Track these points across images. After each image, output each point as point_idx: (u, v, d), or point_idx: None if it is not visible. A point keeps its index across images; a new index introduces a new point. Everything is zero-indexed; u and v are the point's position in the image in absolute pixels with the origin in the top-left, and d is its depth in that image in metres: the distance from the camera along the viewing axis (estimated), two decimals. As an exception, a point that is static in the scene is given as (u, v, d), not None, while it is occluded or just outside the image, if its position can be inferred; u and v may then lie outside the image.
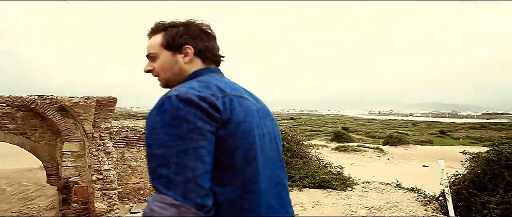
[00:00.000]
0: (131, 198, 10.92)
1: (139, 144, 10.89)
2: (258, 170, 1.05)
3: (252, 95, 1.19)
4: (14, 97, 7.90)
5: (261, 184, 1.05)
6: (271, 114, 1.25)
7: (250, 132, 1.04)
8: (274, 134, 1.19)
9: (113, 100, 8.09)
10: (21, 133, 8.06)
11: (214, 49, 1.23)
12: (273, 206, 1.09)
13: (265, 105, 1.24)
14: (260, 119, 1.12)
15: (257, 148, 1.05)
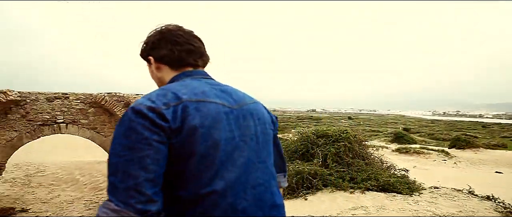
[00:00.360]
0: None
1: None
2: (218, 174, 1.04)
3: (228, 93, 1.17)
4: (87, 94, 8.48)
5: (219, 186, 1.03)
6: (257, 114, 1.21)
7: (209, 136, 1.03)
8: (255, 134, 1.16)
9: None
10: (92, 127, 8.64)
11: (183, 52, 1.22)
12: (245, 208, 1.06)
13: (248, 102, 1.21)
14: (232, 121, 1.11)
15: (219, 151, 1.05)
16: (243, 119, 1.15)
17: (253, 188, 1.11)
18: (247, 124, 1.15)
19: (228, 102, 1.14)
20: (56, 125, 8.28)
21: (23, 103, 7.95)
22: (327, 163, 6.11)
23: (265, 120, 1.24)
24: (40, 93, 8.13)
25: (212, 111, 1.07)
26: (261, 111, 1.24)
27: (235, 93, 1.21)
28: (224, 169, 1.05)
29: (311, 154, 6.58)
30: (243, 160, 1.10)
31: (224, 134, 1.07)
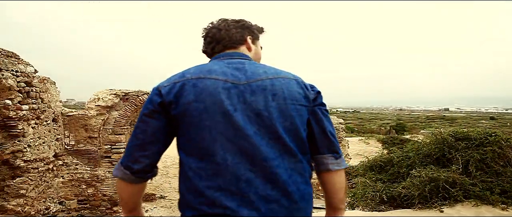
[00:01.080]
0: (309, 192, 11.20)
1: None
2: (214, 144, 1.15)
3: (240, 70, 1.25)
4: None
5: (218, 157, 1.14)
6: (273, 89, 1.22)
7: (204, 110, 1.16)
8: (266, 109, 1.19)
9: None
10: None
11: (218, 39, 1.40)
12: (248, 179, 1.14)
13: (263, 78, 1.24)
14: (234, 96, 1.19)
15: (214, 124, 1.16)
16: (250, 94, 1.20)
17: (262, 162, 1.15)
18: (254, 99, 1.20)
19: (234, 79, 1.23)
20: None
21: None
22: (469, 171, 5.28)
23: (285, 96, 1.23)
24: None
25: (209, 86, 1.19)
26: (281, 87, 1.23)
27: (253, 71, 1.26)
28: (224, 142, 1.15)
29: (448, 159, 5.80)
30: (249, 132, 1.16)
31: (220, 107, 1.17)
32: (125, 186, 1.28)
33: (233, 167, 1.14)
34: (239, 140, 1.15)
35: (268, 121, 1.19)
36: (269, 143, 1.17)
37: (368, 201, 5.65)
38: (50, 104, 7.36)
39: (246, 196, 1.13)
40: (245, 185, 1.13)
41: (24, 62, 6.41)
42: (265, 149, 1.16)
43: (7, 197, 6.48)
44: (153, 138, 1.23)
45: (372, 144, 19.61)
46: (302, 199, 1.19)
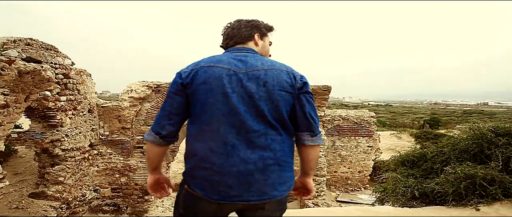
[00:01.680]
0: (338, 186, 11.06)
1: (351, 133, 10.85)
2: (212, 116, 1.54)
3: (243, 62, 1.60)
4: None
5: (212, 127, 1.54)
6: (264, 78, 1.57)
7: (208, 91, 1.54)
8: (257, 92, 1.54)
9: (328, 89, 8.26)
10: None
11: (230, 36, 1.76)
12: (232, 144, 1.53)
13: (258, 68, 1.58)
14: (233, 81, 1.55)
15: (213, 100, 1.54)
16: (246, 81, 1.56)
17: (247, 133, 1.53)
18: (249, 85, 1.55)
19: (236, 68, 1.58)
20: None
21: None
22: (510, 168, 5.01)
23: (274, 83, 1.57)
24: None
25: (216, 73, 1.56)
26: (272, 77, 1.58)
27: (252, 62, 1.62)
28: (219, 116, 1.53)
29: (487, 156, 5.52)
30: (240, 111, 1.53)
31: (221, 89, 1.54)
32: (153, 148, 1.67)
33: (223, 135, 1.53)
34: (232, 116, 1.54)
35: (257, 102, 1.55)
36: (255, 119, 1.55)
37: (398, 196, 5.50)
38: (86, 95, 7.64)
39: (231, 157, 1.52)
40: (231, 149, 1.52)
41: (62, 55, 6.67)
42: (251, 123, 1.54)
43: (47, 184, 6.81)
44: (178, 110, 1.63)
45: (404, 139, 19.07)
46: (276, 164, 1.57)
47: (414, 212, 4.07)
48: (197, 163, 1.56)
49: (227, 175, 1.51)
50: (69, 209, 7.04)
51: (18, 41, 5.57)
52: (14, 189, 6.73)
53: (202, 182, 1.54)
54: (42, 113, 6.60)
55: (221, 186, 1.51)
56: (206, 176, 1.53)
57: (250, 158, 1.52)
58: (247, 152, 1.52)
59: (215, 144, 1.53)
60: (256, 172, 1.52)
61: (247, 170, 1.51)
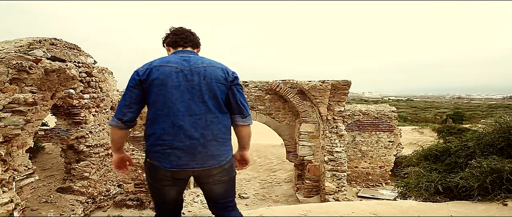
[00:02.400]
0: (359, 182, 10.95)
1: (371, 128, 10.71)
2: (164, 104, 1.98)
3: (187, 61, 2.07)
4: (264, 82, 9.17)
5: (170, 112, 1.97)
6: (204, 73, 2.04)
7: (161, 84, 1.98)
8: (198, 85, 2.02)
9: (348, 84, 8.19)
10: (268, 113, 9.32)
11: (177, 40, 2.22)
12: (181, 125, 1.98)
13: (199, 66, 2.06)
14: (180, 76, 2.00)
15: (164, 92, 1.98)
16: (190, 75, 2.02)
17: (191, 116, 1.98)
18: (192, 79, 2.02)
19: (181, 66, 2.04)
20: (238, 110, 9.28)
21: (213, 91, 9.20)
22: (538, 163, 4.86)
23: (212, 77, 2.05)
24: (226, 81, 9.24)
25: (166, 70, 2.01)
26: (210, 72, 2.06)
27: (194, 61, 2.08)
28: (169, 103, 1.98)
29: (514, 150, 5.37)
30: (185, 99, 1.99)
31: (171, 83, 1.99)
32: (117, 131, 2.08)
33: (173, 118, 1.97)
34: (179, 103, 1.98)
35: (199, 92, 2.01)
36: (198, 105, 2.00)
37: (421, 191, 5.40)
38: (108, 93, 7.82)
39: (178, 135, 1.96)
40: (178, 129, 1.96)
41: (84, 54, 6.84)
42: (194, 108, 1.99)
43: (74, 179, 7.02)
44: (136, 100, 2.04)
45: (426, 134, 18.68)
46: (214, 140, 2.01)
47: (439, 207, 4.00)
48: (154, 141, 2.01)
49: (177, 149, 1.96)
50: (94, 203, 7.24)
51: (43, 41, 5.74)
52: (43, 183, 6.97)
53: (158, 155, 1.99)
54: (67, 110, 6.80)
55: (172, 157, 1.96)
56: (161, 150, 1.98)
57: (193, 135, 1.98)
58: (191, 131, 1.98)
59: (166, 126, 1.98)
60: (198, 146, 1.98)
61: (192, 144, 1.97)
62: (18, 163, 4.66)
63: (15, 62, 4.10)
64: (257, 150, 15.38)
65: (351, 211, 3.25)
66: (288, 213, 3.14)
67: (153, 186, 2.12)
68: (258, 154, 14.89)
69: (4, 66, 4.07)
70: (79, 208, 6.61)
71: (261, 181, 11.80)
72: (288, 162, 11.33)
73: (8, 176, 4.34)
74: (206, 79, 2.03)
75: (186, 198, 9.20)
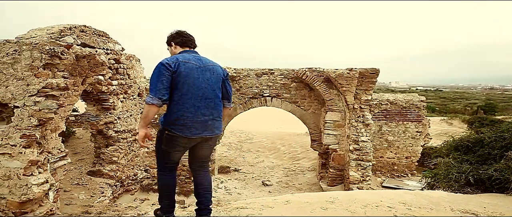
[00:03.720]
0: (384, 172, 10.77)
1: (398, 118, 10.46)
2: (188, 90, 2.67)
3: (200, 60, 2.84)
4: (290, 70, 9.09)
5: (192, 97, 2.68)
6: (212, 69, 2.86)
7: (186, 76, 2.67)
8: (210, 78, 2.81)
9: (376, 72, 7.99)
10: (293, 101, 9.25)
11: (186, 41, 2.95)
12: (199, 106, 2.72)
13: (209, 65, 2.86)
14: (198, 71, 2.76)
15: (189, 82, 2.68)
16: (204, 71, 2.79)
17: (205, 99, 2.76)
18: (206, 73, 2.79)
19: (198, 63, 2.79)
20: (263, 98, 9.25)
21: (238, 78, 9.18)
22: None
23: (218, 73, 2.89)
24: (251, 69, 9.20)
25: (190, 66, 2.72)
26: (215, 69, 2.89)
27: (204, 60, 2.86)
28: (192, 90, 2.68)
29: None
30: (202, 88, 2.74)
31: (193, 75, 2.71)
32: (154, 108, 2.61)
33: (193, 101, 2.69)
34: (198, 90, 2.72)
35: (211, 82, 2.81)
36: (211, 92, 2.80)
37: (451, 182, 5.25)
38: (135, 79, 7.96)
39: (197, 113, 2.70)
40: (196, 109, 2.70)
41: (113, 41, 6.97)
42: (208, 94, 2.78)
43: (103, 163, 7.24)
44: (168, 85, 2.65)
45: (455, 125, 18.13)
46: (218, 117, 2.86)
47: (470, 199, 3.87)
48: (178, 116, 2.67)
49: (196, 122, 2.72)
50: (122, 187, 7.45)
51: (73, 28, 5.87)
52: (74, 167, 7.21)
53: (181, 127, 2.68)
54: (96, 96, 6.98)
55: (192, 129, 2.71)
56: (184, 124, 2.68)
57: (206, 114, 2.78)
58: (205, 111, 2.77)
59: (189, 106, 2.69)
60: (209, 121, 2.80)
61: (205, 120, 2.77)
62: (52, 146, 4.83)
63: (48, 48, 4.21)
64: (281, 138, 15.37)
65: (380, 200, 3.18)
66: (315, 199, 3.11)
67: (166, 151, 2.82)
68: (282, 142, 14.88)
69: (38, 51, 4.20)
70: (108, 190, 6.81)
71: (285, 169, 11.81)
72: (312, 150, 11.27)
73: (43, 158, 4.50)
74: (214, 74, 2.88)
75: (211, 184, 9.33)
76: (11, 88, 4.27)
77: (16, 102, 4.27)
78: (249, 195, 8.83)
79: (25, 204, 4.27)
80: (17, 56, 4.22)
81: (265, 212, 2.70)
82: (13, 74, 4.25)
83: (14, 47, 4.23)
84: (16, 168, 4.26)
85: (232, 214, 2.72)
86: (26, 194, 4.23)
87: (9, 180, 4.27)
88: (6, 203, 4.27)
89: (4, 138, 4.30)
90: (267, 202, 3.05)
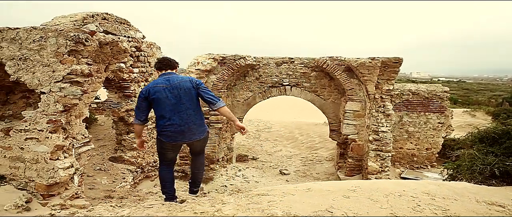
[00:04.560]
0: (403, 163, 10.63)
1: (420, 108, 10.25)
2: (162, 108, 3.55)
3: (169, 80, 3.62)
4: (310, 58, 8.98)
5: (166, 113, 3.53)
6: (179, 85, 3.59)
7: (157, 98, 3.55)
8: (179, 95, 3.56)
9: (399, 61, 7.81)
10: (313, 91, 9.17)
11: (162, 66, 3.81)
12: (174, 122, 3.53)
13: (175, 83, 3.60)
14: (167, 91, 3.56)
15: (160, 102, 3.54)
16: (172, 89, 3.56)
17: (178, 113, 3.54)
18: (174, 91, 3.56)
19: (166, 84, 3.59)
20: (282, 87, 9.21)
21: (257, 67, 9.16)
22: None
23: (185, 87, 3.59)
24: (271, 58, 9.15)
25: (158, 89, 3.57)
26: (182, 84, 3.60)
27: (172, 79, 3.61)
28: (164, 108, 3.53)
29: None
30: (172, 104, 3.53)
31: (162, 96, 3.54)
32: (138, 126, 3.77)
33: (168, 116, 3.52)
34: (168, 106, 3.52)
35: (179, 98, 3.54)
36: (180, 106, 3.54)
37: (475, 174, 5.14)
38: (156, 67, 8.03)
39: (173, 126, 3.52)
40: (172, 121, 3.51)
41: (134, 28, 7.04)
42: (179, 108, 3.54)
43: (124, 149, 7.38)
44: (145, 108, 3.63)
45: (479, 117, 17.65)
46: (194, 124, 3.61)
47: (496, 191, 3.77)
48: (161, 129, 3.57)
49: (174, 132, 3.53)
50: (143, 173, 7.60)
51: (95, 15, 5.96)
52: (97, 152, 7.39)
53: (165, 136, 3.58)
54: (117, 84, 7.09)
55: (172, 137, 3.56)
56: (166, 133, 3.56)
57: (181, 124, 3.54)
58: (179, 122, 3.53)
59: (166, 121, 3.53)
60: (185, 130, 3.56)
61: (181, 130, 3.55)
62: (76, 131, 4.95)
63: (72, 34, 4.28)
64: (299, 128, 15.32)
65: (402, 189, 3.14)
66: (337, 187, 3.10)
67: (161, 151, 3.81)
68: (300, 131, 14.84)
69: (63, 38, 4.27)
70: (129, 176, 6.96)
71: (302, 158, 11.79)
72: (330, 140, 11.19)
73: (68, 143, 4.62)
74: (182, 90, 3.58)
75: (229, 172, 9.42)
76: (37, 75, 4.37)
77: (42, 88, 4.38)
78: (267, 184, 8.87)
79: (52, 187, 4.41)
80: (43, 43, 4.31)
81: (287, 199, 2.70)
82: (40, 61, 4.35)
83: (40, 34, 4.32)
84: (43, 152, 4.39)
85: (253, 201, 2.73)
86: (53, 178, 4.37)
87: (37, 164, 4.41)
88: (35, 185, 4.42)
89: (31, 123, 4.43)
90: (289, 190, 3.05)
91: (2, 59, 4.43)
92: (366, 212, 2.48)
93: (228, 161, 9.90)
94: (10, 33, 4.38)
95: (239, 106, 9.56)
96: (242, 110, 9.60)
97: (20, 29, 4.40)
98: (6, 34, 4.40)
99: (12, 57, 4.39)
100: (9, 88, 5.20)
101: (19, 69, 4.40)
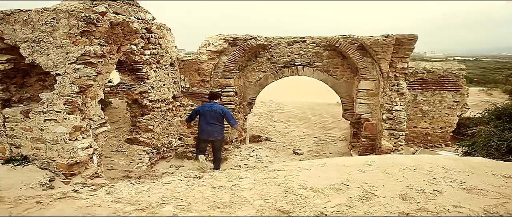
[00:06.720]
0: (417, 142, 10.55)
1: (435, 87, 10.09)
2: (203, 121, 6.87)
3: (211, 106, 6.91)
4: (322, 37, 8.86)
5: (203, 124, 6.86)
6: (214, 110, 6.82)
7: (202, 114, 6.88)
8: (212, 116, 6.79)
9: (414, 38, 7.64)
10: (325, 70, 9.09)
11: (210, 97, 7.20)
12: (205, 126, 6.83)
13: (213, 108, 6.85)
14: (207, 112, 6.81)
15: (204, 117, 6.84)
16: (210, 111, 6.79)
17: (208, 123, 6.80)
18: (211, 112, 6.78)
19: (209, 108, 6.84)
20: (294, 67, 9.15)
21: (269, 47, 9.09)
22: None
23: (217, 112, 6.78)
24: (282, 37, 9.06)
25: (204, 110, 6.88)
26: (215, 109, 6.80)
27: (212, 106, 6.88)
28: (203, 122, 6.85)
29: None
30: (208, 118, 6.79)
31: (205, 113, 6.83)
32: (188, 124, 7.95)
33: (204, 127, 6.83)
34: (206, 119, 6.81)
35: (213, 116, 6.78)
36: (212, 121, 6.79)
37: (492, 150, 5.08)
38: (167, 49, 8.05)
39: (206, 131, 6.82)
40: (205, 129, 6.83)
41: (143, 10, 7.02)
42: (211, 122, 6.79)
43: (139, 131, 7.49)
44: (194, 117, 7.11)
45: (495, 95, 17.32)
46: (216, 131, 6.87)
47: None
48: (199, 130, 6.91)
49: (205, 132, 6.79)
50: (159, 154, 7.72)
51: (106, -3, 5.94)
52: (113, 135, 7.52)
53: (201, 135, 6.87)
54: (130, 66, 7.14)
55: (204, 135, 6.82)
56: (201, 133, 6.85)
57: (209, 129, 6.75)
58: (209, 128, 6.75)
59: (203, 127, 6.81)
60: (212, 133, 6.79)
61: (209, 133, 6.79)
62: (92, 113, 5.02)
63: (84, 15, 4.29)
64: (311, 108, 15.28)
65: (418, 164, 3.13)
66: (353, 162, 3.10)
67: (198, 143, 7.03)
68: (312, 112, 14.80)
69: (75, 19, 4.29)
70: (145, 157, 7.08)
71: (315, 138, 11.80)
72: (343, 120, 11.14)
73: (85, 124, 4.70)
74: (214, 113, 6.72)
75: (242, 153, 9.49)
76: (52, 56, 4.42)
77: (57, 70, 4.44)
78: (281, 163, 8.91)
79: (72, 166, 4.52)
80: (55, 24, 4.34)
81: (303, 174, 2.72)
82: (53, 42, 4.39)
83: (52, 15, 4.34)
84: (62, 133, 4.48)
85: (270, 175, 2.76)
86: (73, 158, 4.47)
87: (56, 144, 4.51)
88: (57, 165, 4.54)
89: (49, 105, 4.51)
90: (304, 165, 3.06)
91: (16, 42, 4.48)
92: (381, 185, 2.49)
93: (241, 142, 9.97)
94: (22, 15, 4.42)
95: (251, 87, 9.55)
96: (254, 91, 9.59)
97: (31, 11, 4.43)
98: (18, 16, 4.43)
99: (25, 39, 4.44)
100: (25, 71, 5.28)
101: (34, 51, 4.45)
